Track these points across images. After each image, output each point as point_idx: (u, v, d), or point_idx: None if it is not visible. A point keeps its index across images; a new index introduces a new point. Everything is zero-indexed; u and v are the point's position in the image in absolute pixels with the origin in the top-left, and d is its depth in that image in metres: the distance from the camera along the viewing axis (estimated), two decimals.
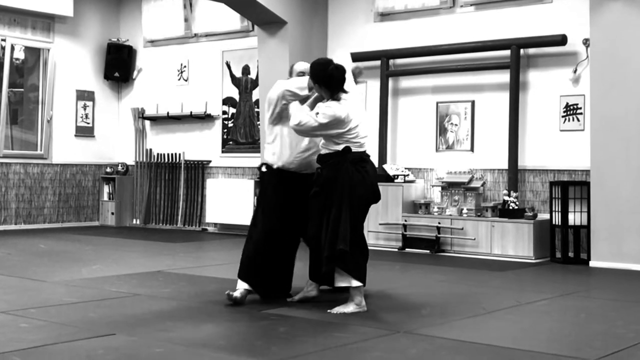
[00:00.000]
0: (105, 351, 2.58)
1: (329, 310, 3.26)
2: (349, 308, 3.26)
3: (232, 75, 7.37)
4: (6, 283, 4.04)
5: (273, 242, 3.45)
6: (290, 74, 3.69)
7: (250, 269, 3.45)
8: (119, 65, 7.96)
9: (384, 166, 6.18)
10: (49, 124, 7.65)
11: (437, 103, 6.19)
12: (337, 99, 3.32)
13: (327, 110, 3.27)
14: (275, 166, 3.50)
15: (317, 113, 3.26)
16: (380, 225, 5.91)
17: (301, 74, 3.58)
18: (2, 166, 7.33)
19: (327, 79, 3.28)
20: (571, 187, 5.28)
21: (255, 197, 3.63)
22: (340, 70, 3.31)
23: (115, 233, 7.10)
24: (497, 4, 5.93)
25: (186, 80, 7.70)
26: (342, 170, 3.27)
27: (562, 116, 5.60)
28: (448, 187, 5.85)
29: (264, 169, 3.56)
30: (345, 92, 3.35)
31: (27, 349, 2.58)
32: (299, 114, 3.31)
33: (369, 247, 3.49)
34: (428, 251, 5.74)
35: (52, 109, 7.66)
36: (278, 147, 3.48)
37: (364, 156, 3.38)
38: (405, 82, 6.40)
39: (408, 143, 6.35)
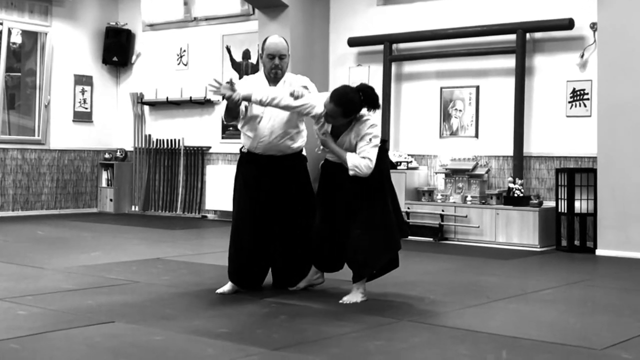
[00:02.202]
0: (104, 339, 2.55)
1: (340, 301, 3.21)
2: (359, 297, 3.23)
3: (232, 60, 7.27)
4: (3, 270, 4.00)
5: (248, 229, 3.34)
6: (262, 52, 3.35)
7: (236, 269, 3.38)
8: (117, 49, 7.87)
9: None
10: (47, 109, 7.57)
11: (441, 88, 6.12)
12: (362, 116, 3.12)
13: (375, 130, 3.11)
14: (245, 149, 3.42)
15: (370, 139, 3.08)
16: None
17: (271, 56, 3.30)
18: None
19: (367, 104, 3.08)
20: (577, 174, 5.22)
21: None
22: (371, 87, 3.13)
23: (113, 220, 7.05)
24: None
25: (186, 65, 7.61)
26: (383, 162, 3.18)
27: (569, 102, 5.53)
28: (452, 174, 5.79)
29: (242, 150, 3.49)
30: (378, 107, 3.16)
31: (25, 337, 2.56)
32: (361, 159, 3.06)
33: None
34: (431, 239, 5.69)
35: (50, 94, 7.58)
36: (247, 131, 3.39)
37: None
38: (409, 67, 6.32)
39: (411, 129, 6.29)
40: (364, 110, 3.14)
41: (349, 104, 3.00)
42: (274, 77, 3.35)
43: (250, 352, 2.41)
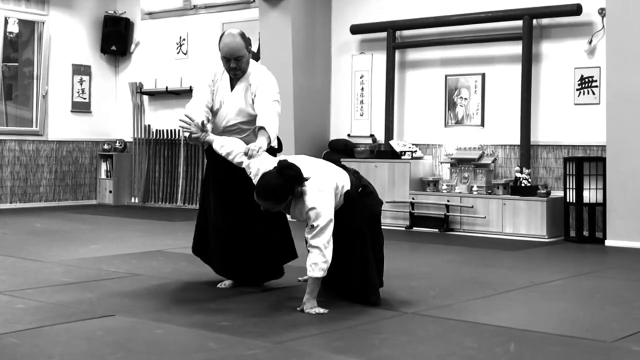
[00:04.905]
0: (104, 332, 2.51)
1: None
2: None
3: None
4: (1, 263, 3.95)
5: (220, 223, 3.23)
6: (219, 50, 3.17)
7: (221, 260, 3.29)
8: (116, 38, 7.78)
9: (391, 142, 6.07)
10: (45, 100, 7.50)
11: (446, 76, 6.03)
12: (302, 193, 2.81)
13: (313, 213, 2.77)
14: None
15: (312, 225, 2.78)
16: (387, 204, 5.76)
17: (225, 59, 3.10)
18: None
19: (292, 184, 2.81)
20: (586, 163, 5.15)
21: None
22: (289, 165, 2.80)
23: (113, 212, 7.00)
24: None
25: (185, 54, 7.52)
26: (358, 209, 2.98)
27: (577, 89, 5.45)
28: (457, 163, 5.72)
29: None
30: (304, 180, 2.82)
31: (24, 330, 2.52)
32: (310, 255, 2.83)
33: None
34: (436, 230, 5.62)
35: (48, 84, 7.51)
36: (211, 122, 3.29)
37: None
38: (413, 55, 6.23)
39: (415, 118, 6.21)
40: (306, 184, 2.84)
41: (275, 195, 2.81)
42: (234, 77, 3.21)
43: (252, 345, 2.36)
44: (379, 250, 3.04)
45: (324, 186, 2.86)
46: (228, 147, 3.05)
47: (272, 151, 3.14)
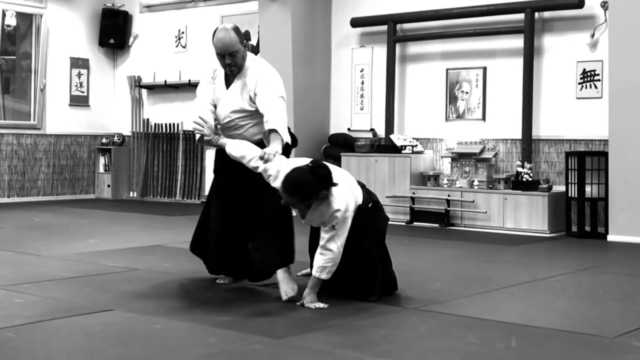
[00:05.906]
0: (103, 327, 2.49)
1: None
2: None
3: None
4: (0, 257, 3.91)
5: (219, 221, 3.20)
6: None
7: (219, 260, 3.25)
8: (114, 31, 7.74)
9: (391, 136, 6.05)
10: (42, 93, 7.45)
11: (447, 70, 5.99)
12: (327, 195, 2.78)
13: (337, 215, 2.77)
14: None
15: (333, 226, 2.78)
16: (387, 198, 5.76)
17: (220, 55, 3.03)
18: None
19: (321, 184, 2.78)
20: (588, 158, 5.12)
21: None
22: (322, 166, 2.79)
23: (111, 206, 6.98)
24: None
25: (184, 47, 7.47)
26: (367, 221, 2.98)
27: (579, 83, 5.42)
28: (458, 158, 5.69)
29: None
30: (332, 184, 2.79)
31: (22, 325, 2.50)
32: (321, 257, 2.83)
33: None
34: (437, 225, 5.60)
35: (46, 78, 7.46)
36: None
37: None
38: (414, 48, 6.19)
39: (416, 112, 6.17)
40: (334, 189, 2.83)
41: (302, 192, 2.78)
42: (230, 74, 3.14)
43: (252, 340, 2.34)
44: (384, 260, 3.04)
45: (348, 191, 2.87)
46: (242, 151, 3.00)
47: (286, 147, 3.07)
